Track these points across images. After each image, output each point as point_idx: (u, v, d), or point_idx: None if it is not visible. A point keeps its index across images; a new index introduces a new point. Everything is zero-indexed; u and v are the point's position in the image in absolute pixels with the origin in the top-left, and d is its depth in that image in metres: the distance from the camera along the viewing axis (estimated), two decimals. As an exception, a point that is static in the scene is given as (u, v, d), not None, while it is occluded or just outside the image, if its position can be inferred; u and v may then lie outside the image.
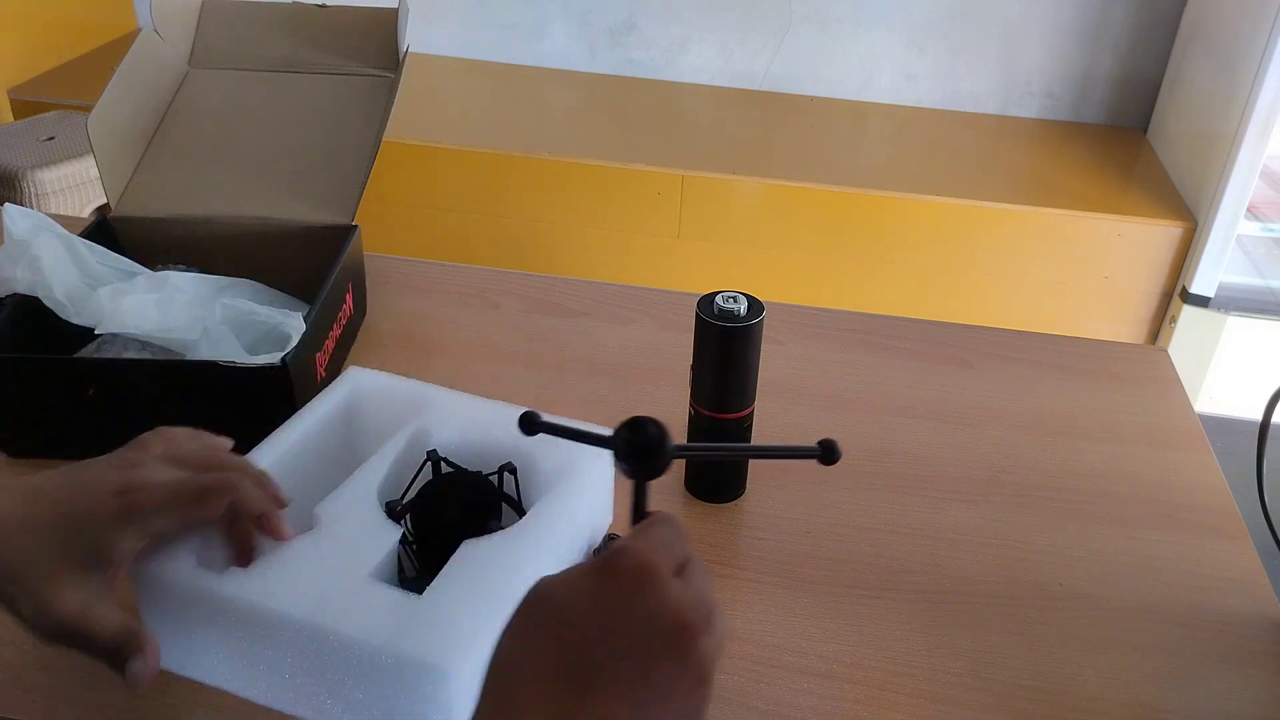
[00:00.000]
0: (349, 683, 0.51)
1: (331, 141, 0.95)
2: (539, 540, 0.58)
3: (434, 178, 2.19)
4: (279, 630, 0.52)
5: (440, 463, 0.63)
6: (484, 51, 2.65)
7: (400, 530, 0.57)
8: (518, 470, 0.64)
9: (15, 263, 0.78)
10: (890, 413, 0.86)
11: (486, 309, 0.99)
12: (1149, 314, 2.10)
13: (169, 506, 0.50)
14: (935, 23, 2.41)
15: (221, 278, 0.85)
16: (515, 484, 0.64)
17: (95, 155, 0.88)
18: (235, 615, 0.52)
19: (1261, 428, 0.68)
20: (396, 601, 0.52)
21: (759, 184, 2.09)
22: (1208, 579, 0.70)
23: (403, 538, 0.58)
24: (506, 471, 0.64)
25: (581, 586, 0.39)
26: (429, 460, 0.63)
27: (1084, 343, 0.97)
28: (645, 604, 0.38)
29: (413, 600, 0.52)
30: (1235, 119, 1.90)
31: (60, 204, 1.88)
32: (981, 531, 0.74)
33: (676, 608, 0.38)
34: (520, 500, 0.64)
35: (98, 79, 2.18)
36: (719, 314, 0.68)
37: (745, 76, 2.57)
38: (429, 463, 0.63)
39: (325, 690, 0.52)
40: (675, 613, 0.38)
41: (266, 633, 0.52)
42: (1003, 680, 0.62)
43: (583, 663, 0.37)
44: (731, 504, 0.75)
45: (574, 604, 0.38)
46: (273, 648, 0.53)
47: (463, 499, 0.63)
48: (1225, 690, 0.62)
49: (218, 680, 0.56)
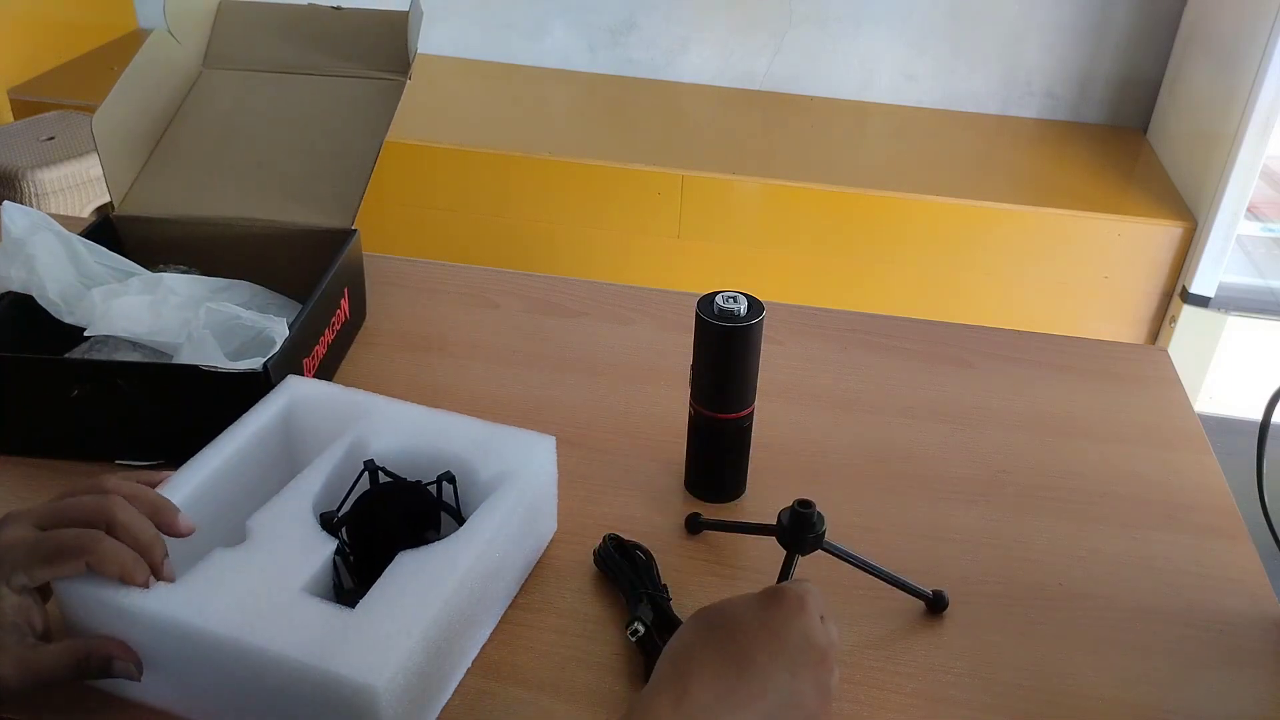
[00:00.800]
0: (279, 701, 0.50)
1: (337, 144, 0.95)
2: (477, 549, 0.57)
3: (434, 178, 2.19)
4: (205, 647, 0.50)
5: (378, 472, 0.62)
6: (484, 51, 2.65)
7: (335, 542, 0.56)
8: (456, 479, 0.62)
9: (11, 261, 0.78)
10: (890, 413, 0.86)
11: (486, 309, 0.99)
12: (1149, 314, 2.10)
13: (21, 568, 0.51)
14: (935, 23, 2.41)
15: (218, 280, 0.86)
16: (454, 493, 0.62)
17: (99, 154, 0.88)
18: (160, 632, 0.51)
19: (1261, 428, 0.68)
20: (327, 616, 0.51)
21: (759, 184, 2.09)
22: (1208, 579, 0.70)
23: (339, 549, 0.56)
24: (445, 481, 0.62)
25: (751, 603, 0.49)
26: (366, 470, 0.62)
27: (1084, 343, 0.97)
28: (801, 626, 0.48)
29: (344, 614, 0.51)
30: (1235, 119, 1.89)
31: (60, 204, 1.88)
32: (981, 531, 0.74)
33: (824, 637, 0.49)
34: (459, 509, 0.63)
35: (98, 79, 2.17)
36: (719, 314, 0.68)
37: (745, 76, 2.57)
38: (366, 472, 0.62)
39: (256, 708, 0.52)
40: (823, 639, 0.48)
41: (193, 650, 0.51)
42: (1003, 680, 0.62)
43: (745, 657, 0.46)
44: (731, 504, 0.75)
45: (743, 614, 0.49)
46: (200, 665, 0.52)
47: (400, 509, 0.62)
48: (1225, 690, 0.62)
49: (151, 698, 0.55)
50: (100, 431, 0.74)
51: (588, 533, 0.70)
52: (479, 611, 0.60)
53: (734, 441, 0.74)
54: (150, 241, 0.90)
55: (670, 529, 0.72)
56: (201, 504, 0.59)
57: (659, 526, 0.72)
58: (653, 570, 0.66)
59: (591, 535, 0.69)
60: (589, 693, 0.59)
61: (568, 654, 0.62)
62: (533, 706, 0.58)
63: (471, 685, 0.59)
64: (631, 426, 0.83)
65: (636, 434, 0.82)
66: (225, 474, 0.61)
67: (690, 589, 0.67)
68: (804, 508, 0.61)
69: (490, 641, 0.62)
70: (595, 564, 0.68)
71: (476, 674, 0.60)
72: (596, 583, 0.67)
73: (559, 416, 0.84)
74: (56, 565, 0.51)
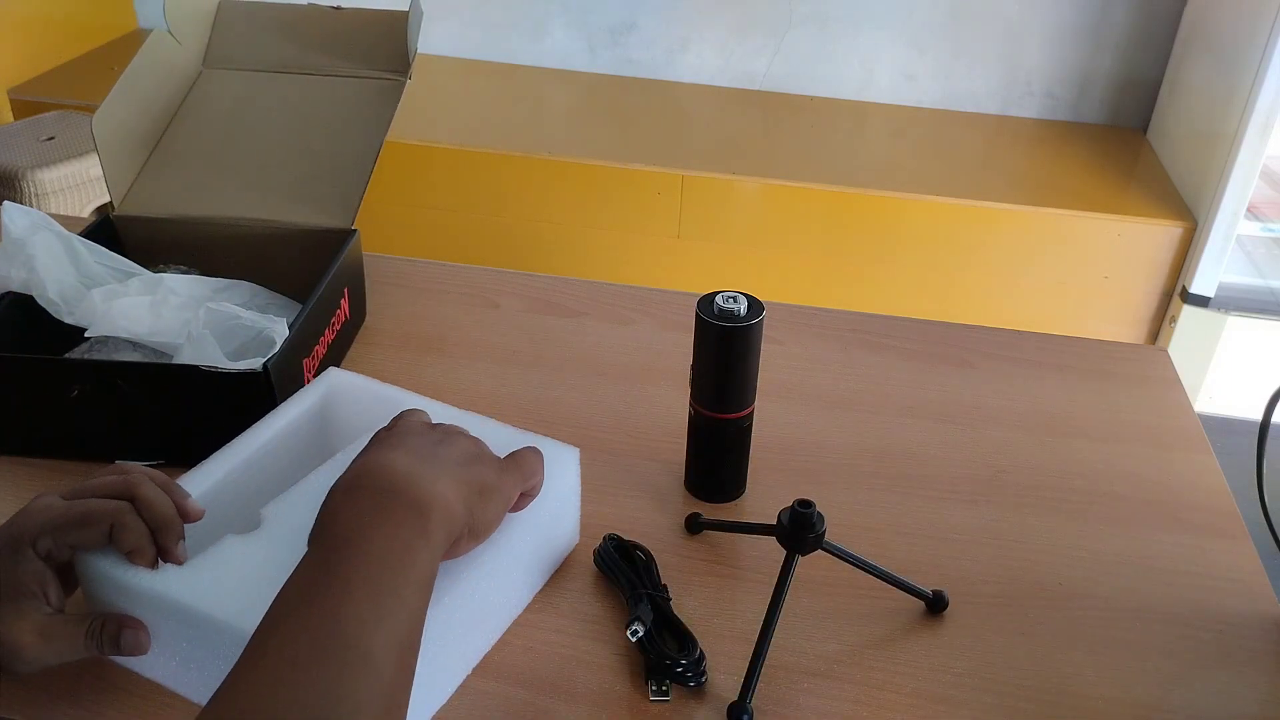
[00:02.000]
0: None
1: (337, 144, 0.95)
2: (491, 557, 0.57)
3: (434, 178, 2.19)
4: (206, 630, 0.51)
5: None
6: (484, 51, 2.65)
7: None
8: None
9: (11, 261, 0.78)
10: (890, 413, 0.86)
11: (486, 309, 0.99)
12: (1149, 314, 2.10)
13: (48, 532, 0.53)
14: (935, 23, 2.41)
15: (218, 280, 0.85)
16: None
17: (99, 154, 0.88)
18: (165, 612, 0.52)
19: (1261, 428, 0.67)
20: None
21: (759, 184, 2.09)
22: (1208, 579, 0.70)
23: None
24: None
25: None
26: None
27: (1084, 343, 0.97)
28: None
29: None
30: (1235, 119, 1.90)
31: (60, 204, 1.88)
32: (981, 531, 0.74)
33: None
34: None
35: (98, 79, 2.17)
36: (719, 314, 0.68)
37: (745, 76, 2.57)
38: None
39: None
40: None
41: (196, 633, 0.52)
42: (1003, 680, 0.62)
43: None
44: (731, 504, 0.75)
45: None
46: (202, 647, 0.52)
47: None
48: (1225, 690, 0.62)
49: (158, 675, 0.56)
50: (100, 432, 0.74)
51: (588, 533, 0.70)
52: (487, 617, 0.60)
53: (734, 441, 0.74)
54: (150, 241, 0.90)
55: (670, 529, 0.72)
56: (228, 491, 0.60)
57: (659, 526, 0.72)
58: (653, 570, 0.66)
59: (591, 535, 0.69)
60: (589, 693, 0.59)
61: (568, 654, 0.62)
62: (533, 706, 0.58)
63: (471, 685, 0.59)
64: (631, 426, 0.83)
65: (636, 434, 0.82)
66: (256, 462, 0.62)
67: (690, 589, 0.67)
68: (804, 508, 0.61)
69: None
70: (595, 564, 0.68)
71: (476, 674, 0.60)
72: (596, 583, 0.67)
73: (559, 416, 0.84)
74: (80, 530, 0.53)
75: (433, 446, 0.53)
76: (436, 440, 0.54)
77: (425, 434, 0.55)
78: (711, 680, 0.60)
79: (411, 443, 0.53)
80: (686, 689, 0.60)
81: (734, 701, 0.58)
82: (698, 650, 0.60)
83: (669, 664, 0.59)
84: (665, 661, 0.59)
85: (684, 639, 0.61)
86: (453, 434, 0.56)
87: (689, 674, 0.59)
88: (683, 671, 0.59)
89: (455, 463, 0.53)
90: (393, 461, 0.51)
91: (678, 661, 0.59)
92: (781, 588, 0.61)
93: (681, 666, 0.59)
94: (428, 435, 0.55)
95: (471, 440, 0.57)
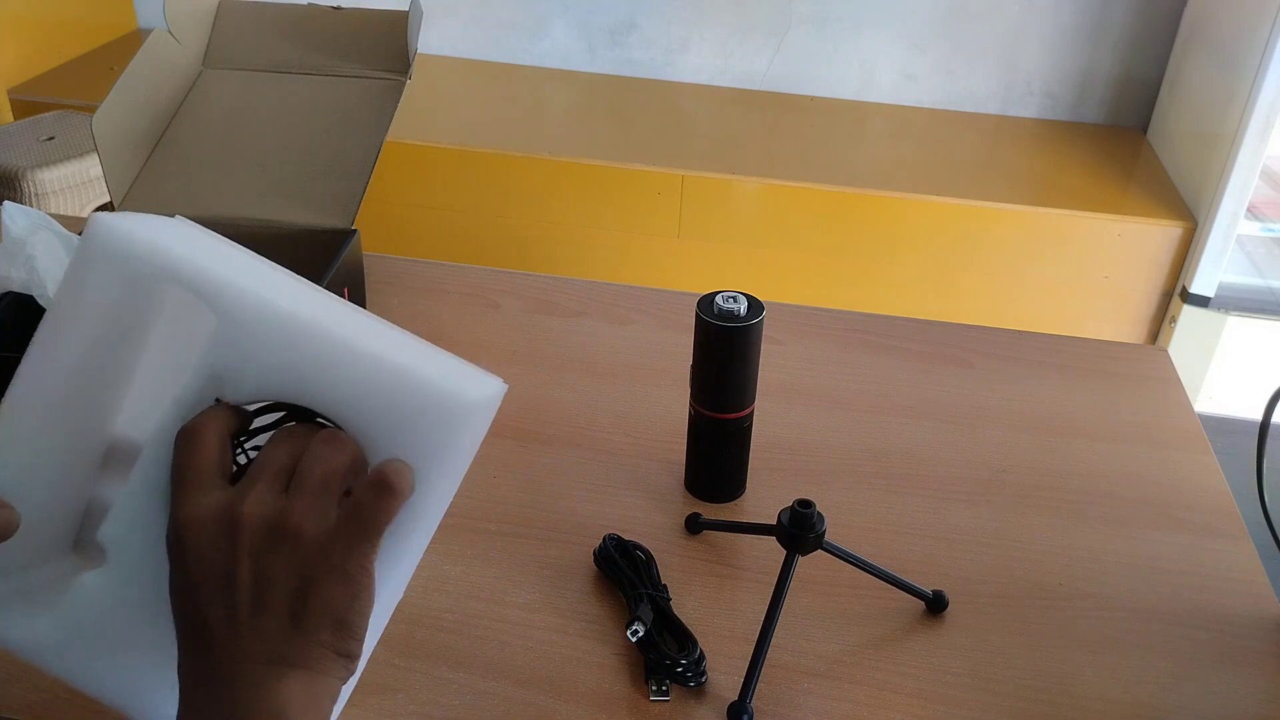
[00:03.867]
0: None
1: (336, 144, 0.95)
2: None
3: (434, 178, 2.19)
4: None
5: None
6: (484, 51, 2.65)
7: None
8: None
9: (11, 261, 0.78)
10: (890, 413, 0.86)
11: (486, 309, 0.99)
12: (1149, 314, 2.10)
13: None
14: (935, 23, 2.41)
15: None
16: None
17: (99, 154, 0.88)
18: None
19: (1261, 428, 0.68)
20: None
21: (759, 184, 2.09)
22: (1208, 579, 0.70)
23: None
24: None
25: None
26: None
27: (1084, 343, 0.97)
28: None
29: None
30: (1235, 119, 1.89)
31: (60, 204, 1.88)
32: (981, 531, 0.74)
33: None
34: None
35: (98, 79, 2.17)
36: (719, 314, 0.68)
37: (745, 76, 2.57)
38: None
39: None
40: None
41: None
42: (1003, 680, 0.62)
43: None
44: (731, 504, 0.75)
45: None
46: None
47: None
48: (1225, 690, 0.62)
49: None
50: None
51: (588, 533, 0.70)
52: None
53: (734, 441, 0.74)
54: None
55: (670, 529, 0.72)
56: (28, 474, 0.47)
57: (659, 526, 0.72)
58: (653, 570, 0.66)
59: (592, 535, 0.69)
60: (589, 693, 0.59)
61: (568, 654, 0.62)
62: (533, 706, 0.58)
63: (472, 685, 0.59)
64: (631, 426, 0.83)
65: (636, 434, 0.82)
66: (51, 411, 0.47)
67: (690, 589, 0.67)
68: (804, 508, 0.61)
69: (491, 641, 0.62)
70: (595, 564, 0.68)
71: (477, 673, 0.60)
72: (596, 583, 0.67)
73: (559, 416, 0.84)
74: None
75: (264, 590, 0.39)
76: (264, 566, 0.40)
77: (247, 556, 0.40)
78: (711, 680, 0.60)
79: (237, 598, 0.39)
80: (686, 689, 0.60)
81: (734, 701, 0.58)
82: (698, 650, 0.60)
83: (669, 664, 0.59)
84: (665, 661, 0.59)
85: (684, 639, 0.61)
86: (282, 531, 0.40)
87: (689, 674, 0.59)
88: (683, 671, 0.59)
89: (310, 612, 0.40)
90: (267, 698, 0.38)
91: (678, 661, 0.59)
92: (781, 588, 0.61)
93: (681, 666, 0.59)
94: (252, 556, 0.40)
95: (309, 511, 0.41)
